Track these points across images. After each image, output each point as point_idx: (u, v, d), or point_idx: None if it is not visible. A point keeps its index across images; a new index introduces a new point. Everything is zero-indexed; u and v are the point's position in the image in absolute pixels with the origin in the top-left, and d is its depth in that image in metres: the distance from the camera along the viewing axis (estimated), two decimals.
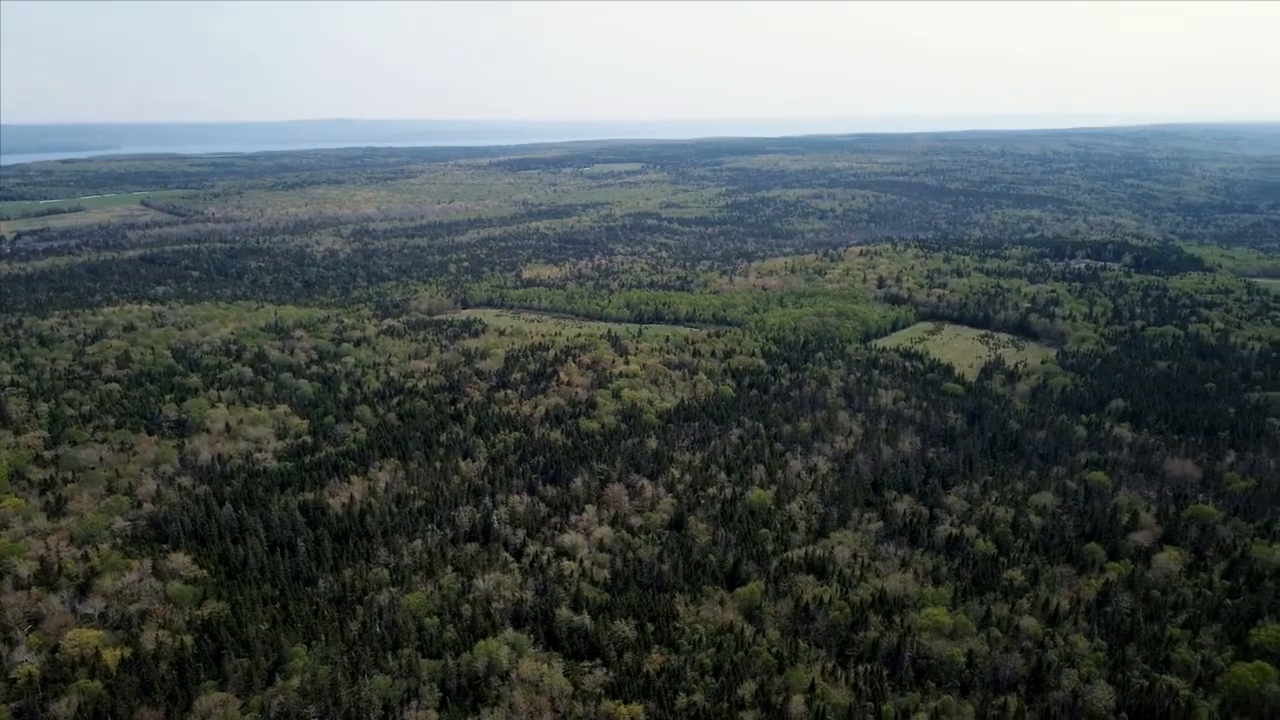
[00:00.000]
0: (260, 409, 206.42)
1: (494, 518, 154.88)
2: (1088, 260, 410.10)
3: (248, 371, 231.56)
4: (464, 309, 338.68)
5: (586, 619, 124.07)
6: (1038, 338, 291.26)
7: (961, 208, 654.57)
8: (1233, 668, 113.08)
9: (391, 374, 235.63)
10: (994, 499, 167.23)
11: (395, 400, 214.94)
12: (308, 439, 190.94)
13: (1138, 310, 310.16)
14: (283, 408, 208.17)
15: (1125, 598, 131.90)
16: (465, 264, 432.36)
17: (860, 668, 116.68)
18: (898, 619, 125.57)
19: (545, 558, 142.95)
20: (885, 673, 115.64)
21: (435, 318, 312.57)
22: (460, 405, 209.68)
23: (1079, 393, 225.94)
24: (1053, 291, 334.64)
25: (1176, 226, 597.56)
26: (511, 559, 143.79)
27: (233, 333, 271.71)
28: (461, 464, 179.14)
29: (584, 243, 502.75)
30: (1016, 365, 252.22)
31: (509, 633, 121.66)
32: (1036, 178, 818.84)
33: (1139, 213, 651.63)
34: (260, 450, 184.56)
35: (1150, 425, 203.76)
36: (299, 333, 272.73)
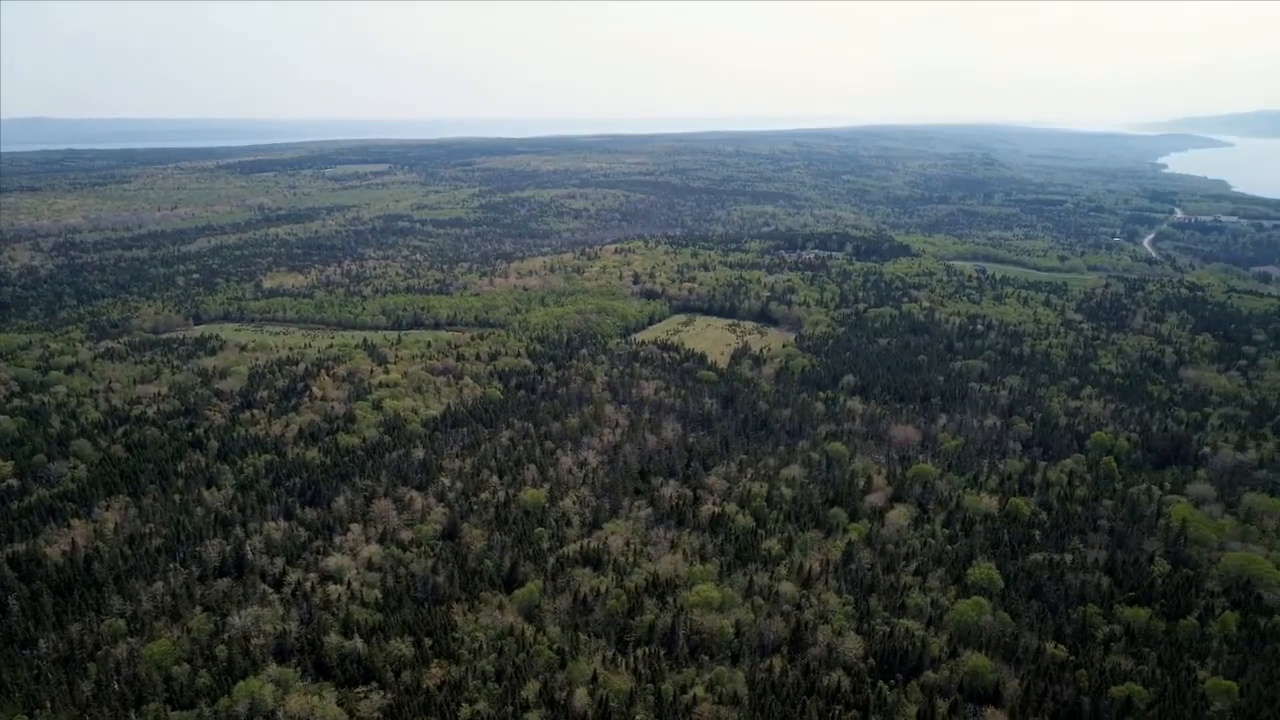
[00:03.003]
0: None
1: (247, 548, 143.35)
2: (816, 250, 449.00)
3: None
4: (197, 325, 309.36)
5: (359, 643, 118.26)
6: (778, 324, 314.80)
7: (704, 205, 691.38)
8: (956, 605, 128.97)
9: (114, 401, 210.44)
10: (750, 475, 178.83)
11: (120, 430, 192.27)
12: (13, 482, 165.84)
13: (860, 294, 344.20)
14: None
15: (866, 554, 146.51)
16: (195, 275, 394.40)
17: (639, 651, 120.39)
18: (671, 599, 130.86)
19: (309, 584, 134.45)
20: (663, 653, 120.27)
21: (164, 336, 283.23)
22: (199, 430, 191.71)
23: (816, 372, 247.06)
24: (789, 281, 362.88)
25: (887, 217, 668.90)
26: (270, 590, 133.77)
27: None
28: (205, 494, 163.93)
29: (331, 248, 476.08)
30: (761, 350, 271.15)
31: (272, 669, 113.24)
32: (768, 175, 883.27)
33: (856, 206, 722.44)
34: None
35: (876, 396, 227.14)
36: None
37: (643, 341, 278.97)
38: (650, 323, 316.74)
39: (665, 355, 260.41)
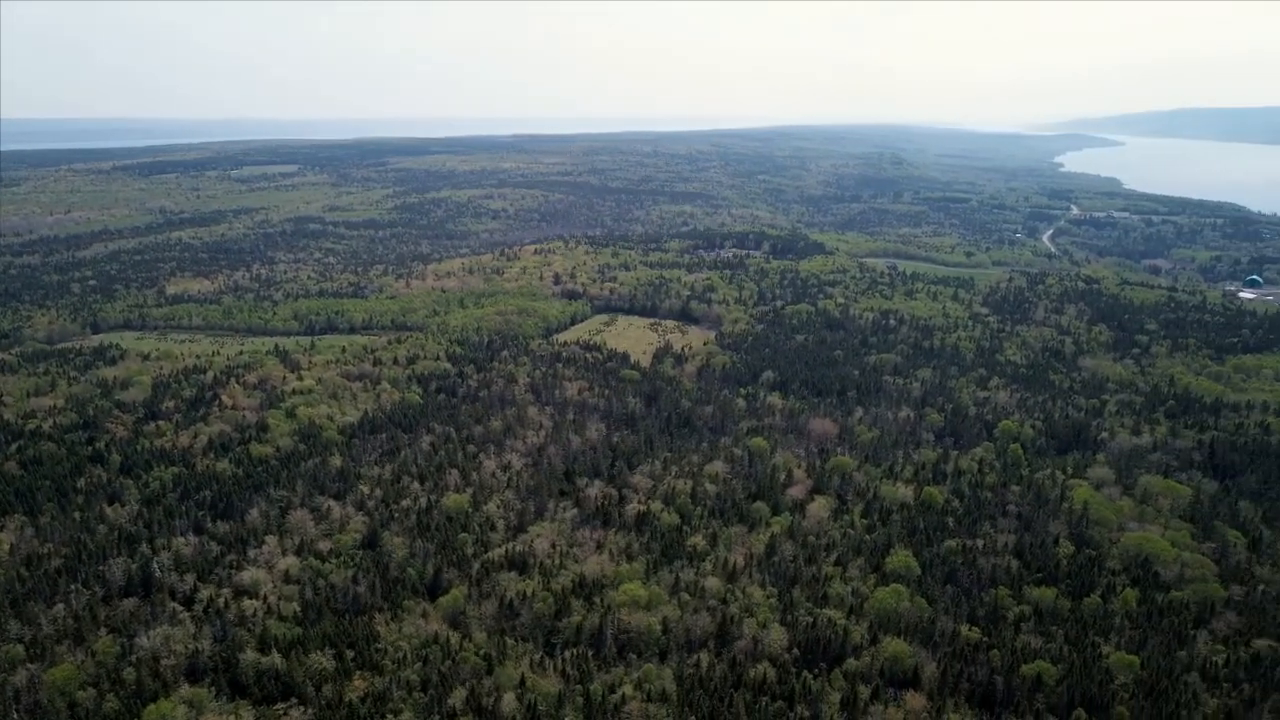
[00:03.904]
0: None
1: (154, 565, 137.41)
2: (734, 249, 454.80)
3: None
4: (95, 334, 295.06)
5: (276, 658, 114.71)
6: (699, 322, 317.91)
7: (624, 205, 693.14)
8: (875, 593, 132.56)
9: (6, 416, 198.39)
10: (674, 473, 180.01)
11: (14, 446, 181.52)
12: None
13: (777, 291, 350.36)
14: None
15: (788, 547, 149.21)
16: (93, 282, 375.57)
17: (567, 653, 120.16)
18: (598, 600, 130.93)
19: (222, 600, 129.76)
20: (591, 653, 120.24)
21: (59, 346, 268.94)
22: (100, 444, 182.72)
23: (737, 369, 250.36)
24: (708, 279, 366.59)
25: (802, 216, 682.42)
26: (181, 608, 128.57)
27: None
28: (107, 510, 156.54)
29: (238, 252, 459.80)
30: (683, 349, 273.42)
31: (185, 690, 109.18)
32: (686, 175, 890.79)
33: (772, 205, 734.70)
34: None
35: (795, 392, 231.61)
36: None
37: (565, 342, 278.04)
38: (572, 323, 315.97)
39: (588, 355, 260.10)
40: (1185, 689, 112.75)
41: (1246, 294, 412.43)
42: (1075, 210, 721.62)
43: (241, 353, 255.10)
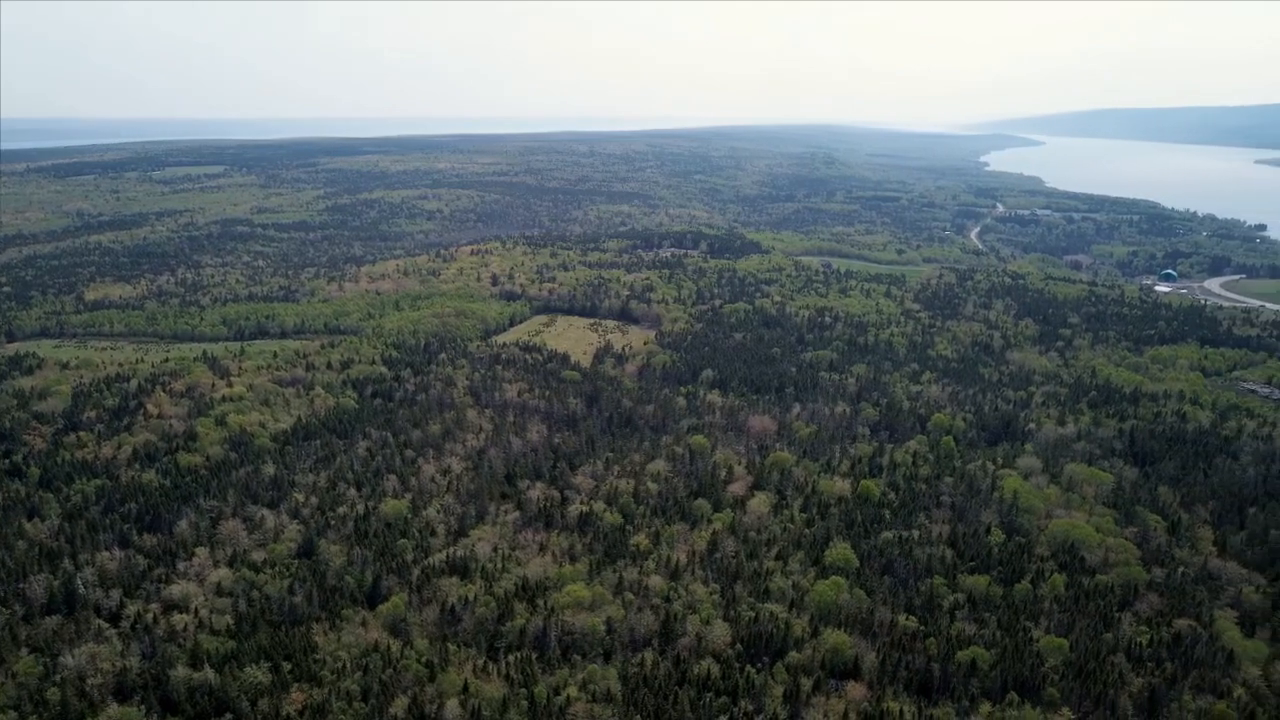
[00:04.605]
0: None
1: (78, 581, 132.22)
2: (673, 249, 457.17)
3: None
4: (10, 342, 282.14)
5: (210, 673, 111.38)
6: (639, 321, 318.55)
7: (561, 205, 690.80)
8: (815, 586, 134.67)
9: None
10: (616, 473, 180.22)
11: None
12: None
13: (716, 290, 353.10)
14: None
15: (730, 543, 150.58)
16: (7, 289, 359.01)
17: (510, 657, 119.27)
18: (541, 602, 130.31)
19: (151, 616, 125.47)
20: (535, 656, 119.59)
21: None
22: (17, 457, 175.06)
23: (677, 367, 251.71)
24: (647, 279, 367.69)
25: (738, 215, 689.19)
26: (106, 625, 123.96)
27: None
28: (26, 526, 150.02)
29: (162, 255, 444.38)
30: (624, 348, 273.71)
31: (113, 709, 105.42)
32: (623, 175, 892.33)
33: (709, 205, 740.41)
34: None
35: (734, 389, 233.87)
36: None
37: (504, 343, 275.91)
38: (511, 324, 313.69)
39: (528, 356, 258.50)
40: (1112, 669, 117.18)
41: (1162, 288, 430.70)
42: (1001, 208, 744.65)
43: (167, 360, 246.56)
